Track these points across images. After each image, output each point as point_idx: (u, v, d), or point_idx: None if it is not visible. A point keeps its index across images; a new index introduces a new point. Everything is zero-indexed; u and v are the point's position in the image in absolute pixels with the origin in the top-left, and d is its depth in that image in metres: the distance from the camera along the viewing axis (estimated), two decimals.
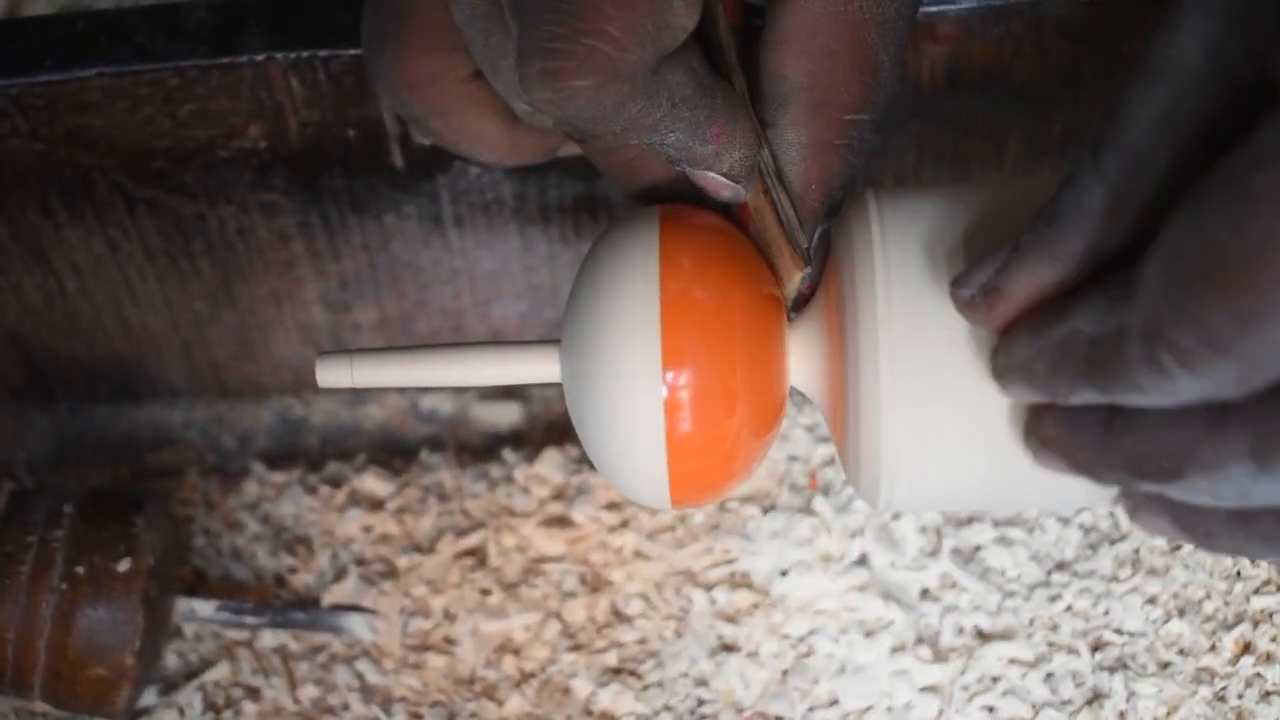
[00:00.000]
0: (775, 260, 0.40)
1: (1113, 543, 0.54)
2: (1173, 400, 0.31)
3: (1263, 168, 0.28)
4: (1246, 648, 0.52)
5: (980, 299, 0.35)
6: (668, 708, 0.52)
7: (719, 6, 0.38)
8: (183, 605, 0.53)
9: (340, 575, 0.56)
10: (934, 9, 0.47)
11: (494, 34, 0.38)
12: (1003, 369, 0.36)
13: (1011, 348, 0.35)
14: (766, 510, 0.56)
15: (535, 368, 0.40)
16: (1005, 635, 0.53)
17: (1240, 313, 0.28)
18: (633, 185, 0.41)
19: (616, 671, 0.53)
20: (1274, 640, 0.52)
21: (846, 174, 0.40)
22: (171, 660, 0.54)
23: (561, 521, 0.57)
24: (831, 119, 0.39)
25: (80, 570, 0.50)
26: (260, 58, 0.47)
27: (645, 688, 0.53)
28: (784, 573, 0.55)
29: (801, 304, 0.41)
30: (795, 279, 0.40)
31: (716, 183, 0.39)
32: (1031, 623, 0.53)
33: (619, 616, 0.54)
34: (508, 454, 0.59)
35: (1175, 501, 0.34)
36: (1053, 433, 0.35)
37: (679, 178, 0.40)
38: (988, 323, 0.36)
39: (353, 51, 0.47)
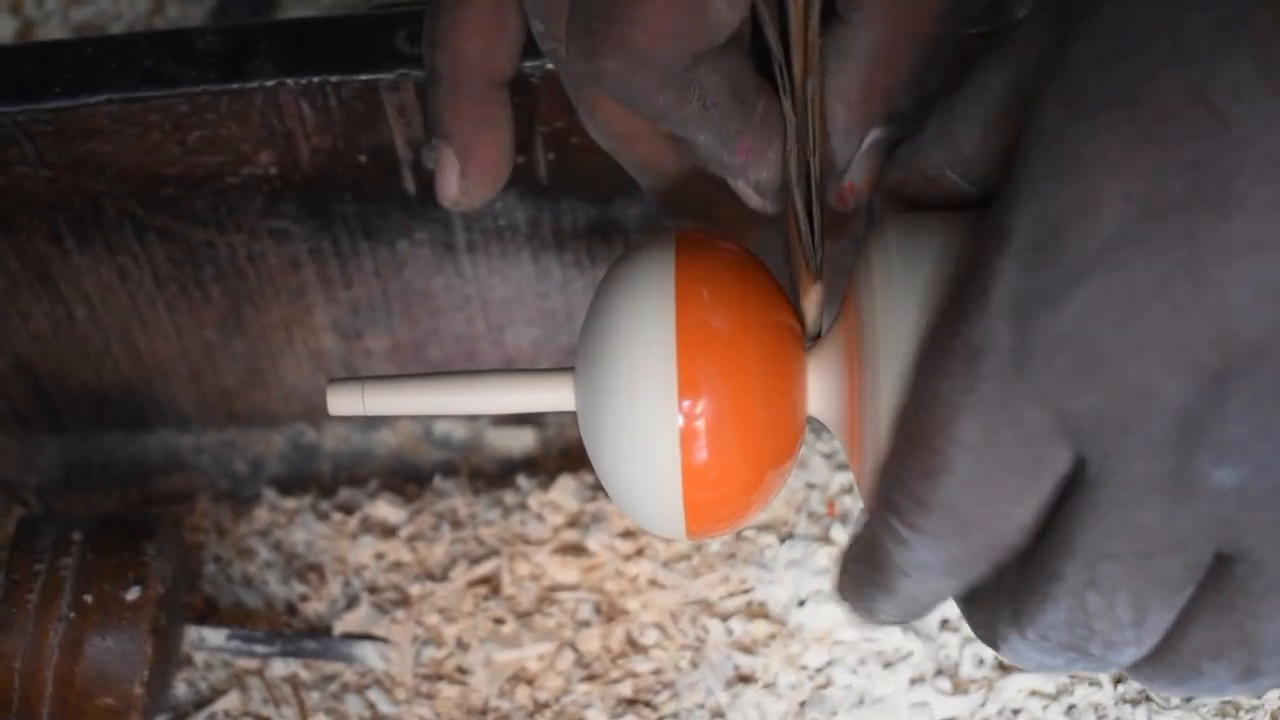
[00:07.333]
0: (797, 273, 0.39)
1: None
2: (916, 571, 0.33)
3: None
4: None
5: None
6: None
7: (797, 17, 0.37)
8: (193, 633, 0.53)
9: (352, 603, 0.56)
10: None
11: None
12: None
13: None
14: (784, 539, 0.55)
15: (548, 395, 0.40)
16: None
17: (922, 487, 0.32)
18: (648, 171, 0.42)
19: (631, 702, 0.53)
20: None
21: (914, 85, 0.38)
22: (181, 689, 0.54)
23: (576, 549, 0.56)
24: (909, 22, 0.37)
25: (89, 599, 0.49)
26: (271, 83, 0.46)
27: (660, 719, 0.52)
28: (802, 602, 0.54)
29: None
30: (811, 295, 0.39)
31: (744, 192, 0.39)
32: None
33: (634, 646, 0.54)
34: (522, 480, 0.58)
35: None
36: None
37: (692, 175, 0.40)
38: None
39: (364, 77, 0.46)
